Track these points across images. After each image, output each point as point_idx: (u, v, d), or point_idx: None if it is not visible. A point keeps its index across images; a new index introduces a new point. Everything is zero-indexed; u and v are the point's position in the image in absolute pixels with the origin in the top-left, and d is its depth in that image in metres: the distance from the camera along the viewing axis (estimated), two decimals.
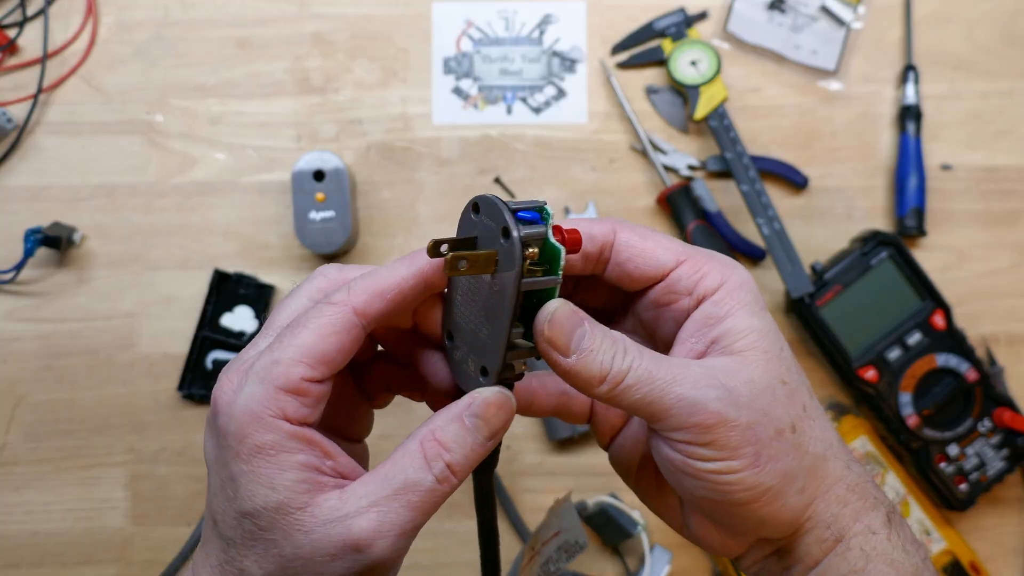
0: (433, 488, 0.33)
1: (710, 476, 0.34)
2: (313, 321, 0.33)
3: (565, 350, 0.34)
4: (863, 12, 0.81)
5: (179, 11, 0.81)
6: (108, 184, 0.80)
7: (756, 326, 0.36)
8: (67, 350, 0.78)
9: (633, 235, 0.37)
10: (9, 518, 0.77)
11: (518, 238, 0.33)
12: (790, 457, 0.35)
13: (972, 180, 0.80)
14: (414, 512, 0.33)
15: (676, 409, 0.33)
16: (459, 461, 0.34)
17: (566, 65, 0.81)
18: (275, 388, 0.33)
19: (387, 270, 0.34)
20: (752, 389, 0.34)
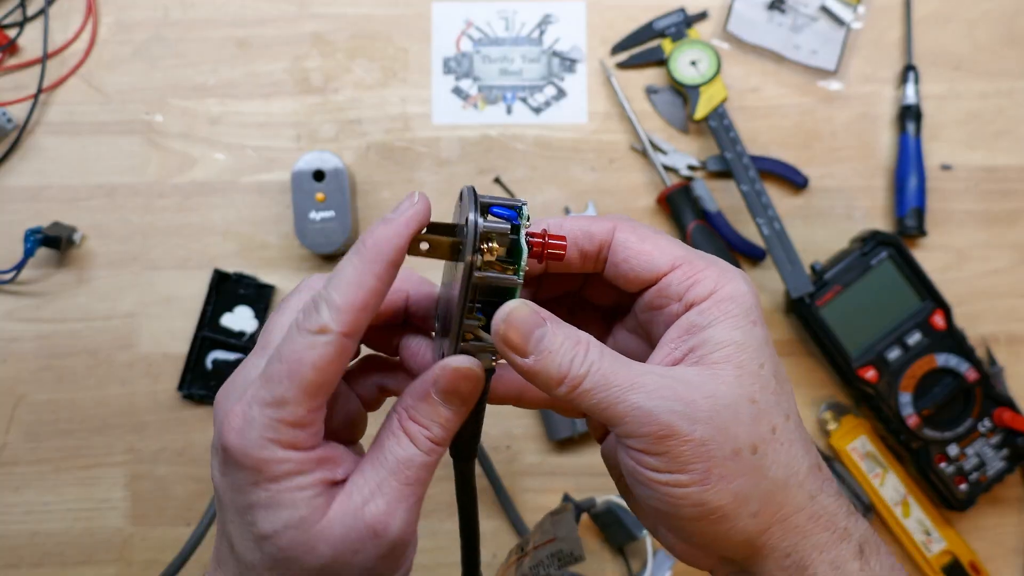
0: (424, 461, 0.35)
1: (659, 487, 0.34)
2: (309, 355, 0.33)
3: (522, 350, 0.34)
4: (863, 12, 0.81)
5: (179, 11, 0.81)
6: (108, 184, 0.80)
7: (736, 339, 0.35)
8: (67, 350, 0.78)
9: (632, 236, 0.37)
10: (9, 518, 0.77)
11: (473, 226, 0.33)
12: (745, 479, 0.34)
13: (972, 180, 0.80)
14: (414, 486, 0.35)
15: (629, 417, 0.33)
16: (439, 434, 0.35)
17: (566, 65, 0.81)
18: (285, 425, 0.33)
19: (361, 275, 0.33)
20: (713, 404, 0.33)
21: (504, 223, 0.34)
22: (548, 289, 0.42)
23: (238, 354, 0.77)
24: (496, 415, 0.77)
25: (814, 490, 0.36)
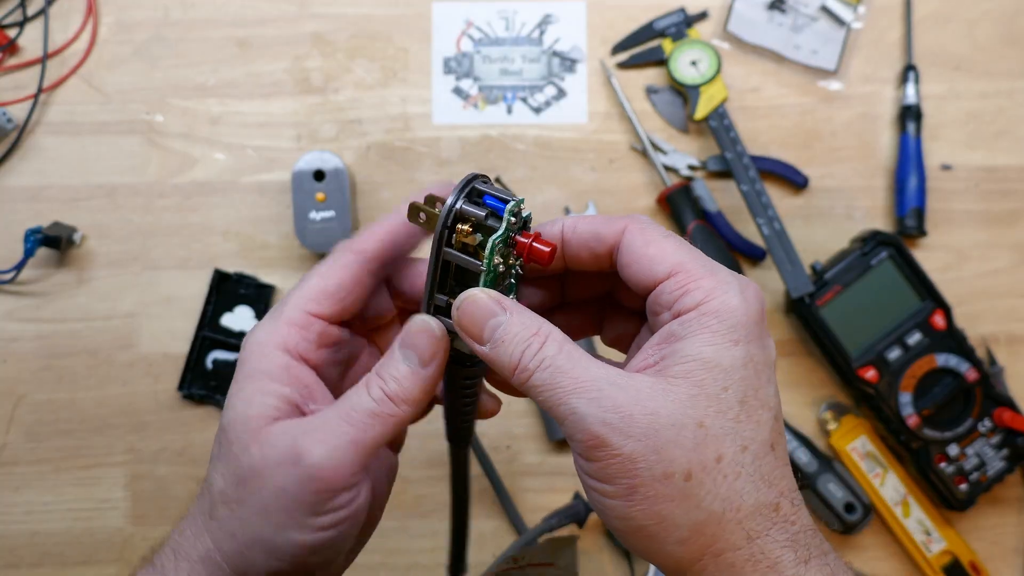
0: (371, 409, 0.35)
1: (592, 493, 0.34)
2: (319, 268, 0.38)
3: (478, 337, 0.35)
4: (863, 12, 0.81)
5: (179, 11, 0.81)
6: (108, 184, 0.80)
7: (704, 355, 0.33)
8: (67, 350, 0.78)
9: (638, 238, 0.36)
10: (9, 518, 0.77)
11: (449, 206, 0.35)
12: (673, 504, 0.32)
13: (972, 180, 0.80)
14: (353, 427, 0.35)
15: (567, 420, 0.33)
16: (393, 388, 0.36)
17: (566, 65, 0.81)
18: (282, 322, 0.37)
19: (383, 219, 0.38)
20: (652, 421, 0.32)
21: (481, 210, 0.35)
22: (578, 290, 0.42)
23: (238, 354, 0.77)
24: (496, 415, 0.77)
25: (757, 531, 0.33)
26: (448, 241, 0.36)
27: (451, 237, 0.36)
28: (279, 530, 0.34)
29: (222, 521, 0.36)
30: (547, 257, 0.35)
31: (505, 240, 0.36)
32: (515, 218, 0.36)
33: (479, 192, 0.36)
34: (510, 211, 0.35)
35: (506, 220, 0.35)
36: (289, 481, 0.34)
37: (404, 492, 0.76)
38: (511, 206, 0.35)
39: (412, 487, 0.77)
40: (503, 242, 0.35)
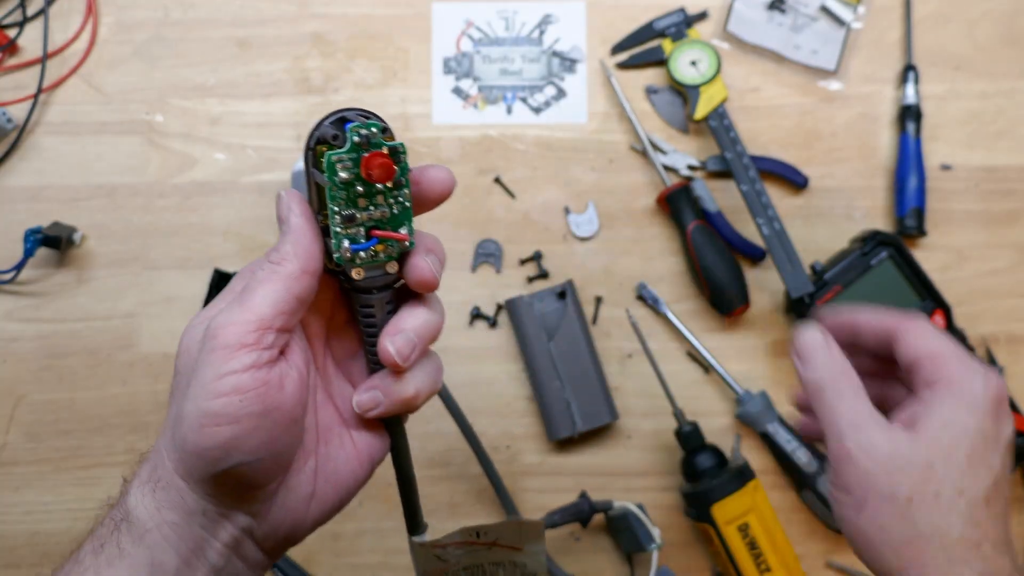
0: (260, 276, 0.39)
1: (832, 498, 0.45)
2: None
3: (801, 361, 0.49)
4: (863, 12, 0.81)
5: (179, 11, 0.81)
6: (108, 184, 0.80)
7: (945, 418, 0.43)
8: (67, 350, 0.78)
9: (913, 331, 0.46)
10: (9, 518, 0.77)
11: (311, 129, 0.40)
12: (894, 520, 0.42)
13: (972, 180, 0.80)
14: (249, 295, 0.39)
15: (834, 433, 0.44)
16: (273, 255, 0.39)
17: (566, 65, 0.81)
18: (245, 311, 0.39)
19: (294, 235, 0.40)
20: (892, 453, 0.42)
21: (336, 131, 0.39)
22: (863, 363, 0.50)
23: None
24: (496, 415, 0.77)
25: (957, 559, 0.41)
26: (314, 163, 0.40)
27: (316, 159, 0.39)
28: (191, 400, 0.37)
29: (167, 418, 0.40)
30: (377, 171, 0.38)
31: (355, 159, 0.39)
32: (360, 138, 0.39)
33: (345, 119, 0.40)
34: (353, 129, 0.38)
35: (349, 139, 0.38)
36: (198, 347, 0.38)
37: None
38: (354, 125, 0.39)
39: None
40: (351, 160, 0.39)
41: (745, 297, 0.76)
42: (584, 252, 0.79)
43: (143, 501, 0.39)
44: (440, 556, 0.52)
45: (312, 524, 0.43)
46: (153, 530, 0.39)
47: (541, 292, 0.77)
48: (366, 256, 0.40)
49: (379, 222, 0.40)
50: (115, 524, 0.39)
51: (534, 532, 0.54)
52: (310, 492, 0.42)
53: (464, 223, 0.79)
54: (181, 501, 0.39)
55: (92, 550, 0.39)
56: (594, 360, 0.76)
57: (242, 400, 0.37)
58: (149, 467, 0.40)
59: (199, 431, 0.37)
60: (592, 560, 0.76)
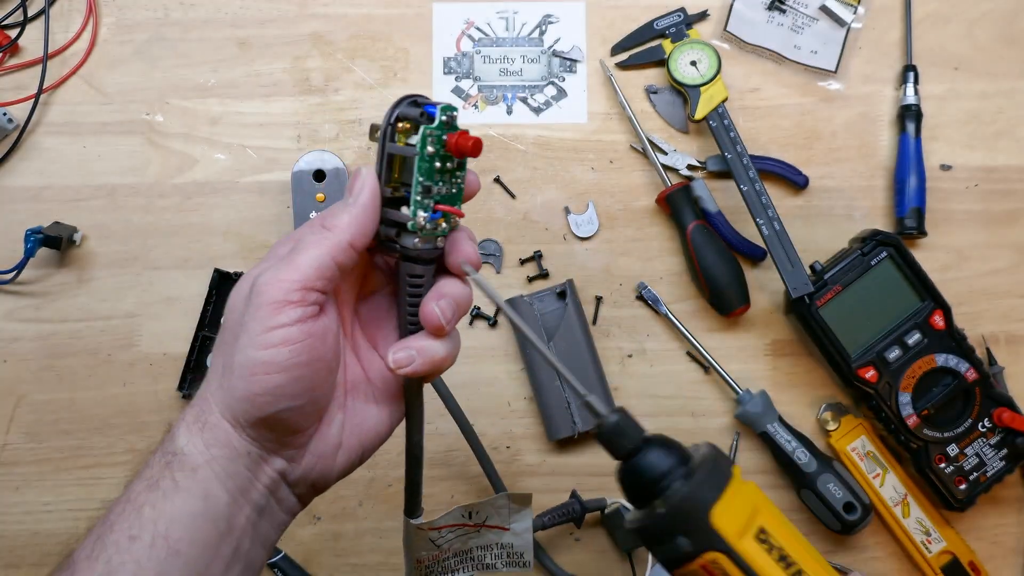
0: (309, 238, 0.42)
1: None
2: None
3: None
4: (863, 12, 0.81)
5: (179, 11, 0.81)
6: (108, 184, 0.80)
7: None
8: (67, 350, 0.78)
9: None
10: (9, 518, 0.77)
11: (392, 107, 0.43)
12: None
13: (972, 180, 0.80)
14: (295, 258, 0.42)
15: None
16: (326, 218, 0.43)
17: (566, 65, 0.81)
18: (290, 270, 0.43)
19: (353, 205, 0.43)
20: None
21: (417, 110, 0.43)
22: None
23: None
24: (496, 415, 0.77)
25: None
26: (392, 138, 0.43)
27: (394, 135, 0.43)
28: (241, 350, 0.41)
29: (212, 364, 0.43)
30: (470, 146, 0.42)
31: (439, 136, 0.42)
32: (447, 117, 0.42)
33: (419, 103, 0.43)
34: (442, 110, 0.42)
35: (439, 117, 0.42)
36: (247, 307, 0.41)
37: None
38: (443, 106, 0.42)
39: None
40: (436, 137, 0.42)
41: (745, 297, 0.76)
42: (584, 252, 0.79)
43: (192, 440, 0.42)
44: (433, 540, 0.53)
45: (338, 474, 0.46)
46: (204, 466, 0.42)
47: (541, 292, 0.77)
48: (430, 227, 0.43)
49: (444, 198, 0.44)
50: (166, 462, 0.42)
51: (522, 504, 0.54)
52: (338, 443, 0.46)
53: (464, 223, 0.79)
54: (227, 440, 0.42)
55: (145, 488, 0.41)
56: (594, 360, 0.76)
57: (290, 350, 0.41)
58: (194, 412, 0.43)
59: (249, 379, 0.41)
60: (592, 560, 0.76)
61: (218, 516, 0.41)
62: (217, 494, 0.42)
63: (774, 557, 0.43)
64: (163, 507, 0.40)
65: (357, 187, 0.43)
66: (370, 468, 0.76)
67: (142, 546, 0.40)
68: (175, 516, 0.40)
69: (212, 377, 0.43)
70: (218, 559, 0.41)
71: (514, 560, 0.57)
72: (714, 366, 0.76)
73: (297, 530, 0.76)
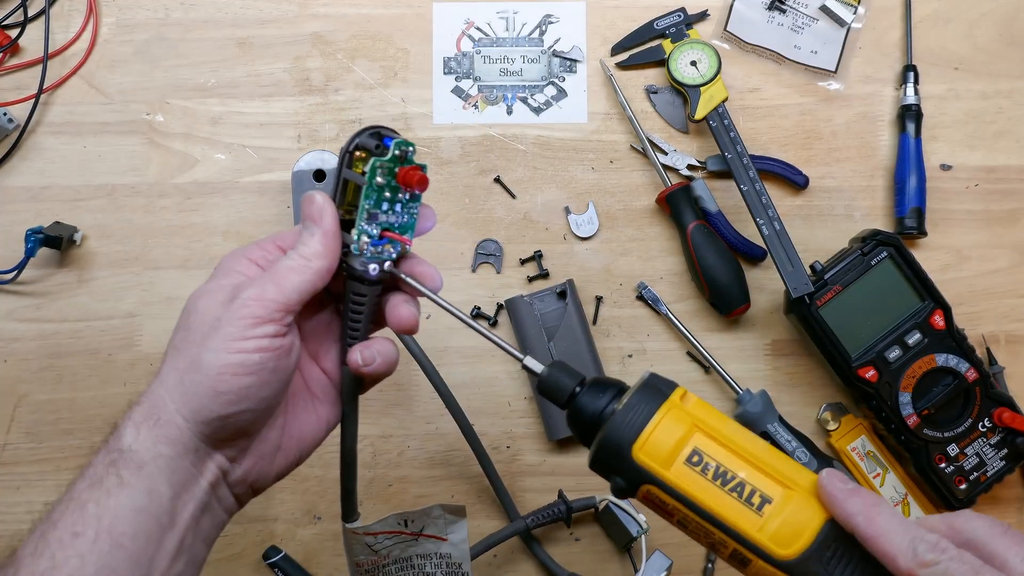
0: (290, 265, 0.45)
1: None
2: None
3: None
4: (863, 12, 0.81)
5: (179, 11, 0.81)
6: (109, 184, 0.80)
7: None
8: (68, 350, 0.78)
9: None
10: (10, 518, 0.77)
11: (351, 137, 0.46)
12: None
13: (972, 180, 0.80)
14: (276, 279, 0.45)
15: None
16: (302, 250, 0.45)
17: (566, 65, 0.81)
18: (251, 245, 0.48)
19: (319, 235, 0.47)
20: None
21: (373, 142, 0.46)
22: None
23: None
24: (496, 415, 0.77)
25: None
26: (349, 164, 0.46)
27: (352, 162, 0.46)
28: (212, 351, 0.43)
29: (168, 361, 0.45)
30: (415, 181, 0.46)
31: (390, 168, 0.45)
32: (400, 152, 0.46)
33: (380, 134, 0.46)
34: (396, 144, 0.45)
35: (392, 151, 0.45)
36: (223, 312, 0.44)
37: (404, 492, 0.76)
38: (398, 140, 0.45)
39: (412, 487, 0.77)
40: (387, 169, 0.45)
41: (745, 297, 0.76)
42: (584, 252, 0.79)
43: (139, 437, 0.44)
44: (371, 545, 0.54)
45: (275, 475, 0.49)
46: (150, 462, 0.43)
47: (541, 292, 0.77)
48: (373, 252, 0.47)
49: (391, 226, 0.47)
50: (111, 460, 0.43)
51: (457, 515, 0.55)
52: (277, 446, 0.48)
53: (464, 223, 0.79)
54: (178, 437, 0.44)
55: (88, 486, 0.42)
56: (594, 360, 0.76)
57: (261, 358, 0.43)
58: (143, 410, 0.45)
59: (217, 377, 0.43)
60: (593, 560, 0.76)
61: (161, 511, 0.43)
62: (161, 490, 0.43)
63: (708, 476, 0.43)
64: (107, 503, 0.41)
65: (316, 212, 0.46)
66: (370, 468, 0.76)
67: (85, 541, 0.41)
68: (119, 512, 0.41)
69: (168, 374, 0.45)
70: (162, 552, 0.43)
71: (453, 570, 0.58)
72: (714, 366, 0.76)
73: (297, 530, 0.76)
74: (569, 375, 0.47)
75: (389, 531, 0.56)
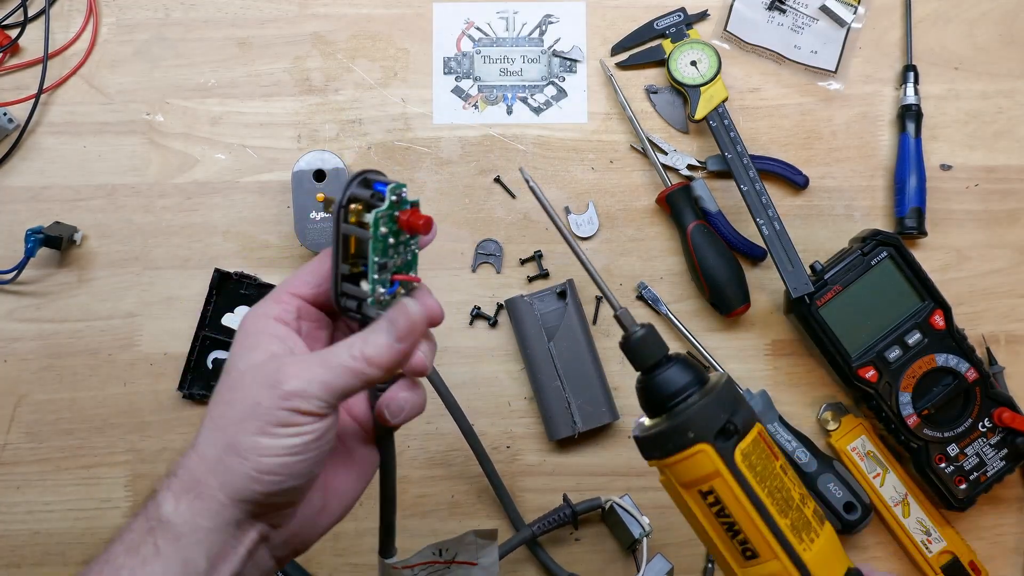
0: (347, 364, 0.43)
1: None
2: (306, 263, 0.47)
3: None
4: (863, 12, 0.81)
5: (179, 11, 0.81)
6: (109, 184, 0.80)
7: None
8: (68, 350, 0.78)
9: None
10: (10, 518, 0.77)
11: (343, 189, 0.44)
12: None
13: (972, 180, 0.80)
14: (328, 372, 0.43)
15: None
16: (370, 354, 0.43)
17: (566, 65, 0.81)
18: (271, 300, 0.46)
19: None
20: None
21: (367, 191, 0.44)
22: None
23: None
24: (496, 415, 0.77)
25: None
26: (345, 219, 0.44)
27: (347, 216, 0.44)
28: (249, 434, 0.42)
29: (206, 434, 0.44)
30: (420, 224, 0.44)
31: (390, 215, 0.44)
32: (397, 197, 0.44)
33: (369, 181, 0.45)
34: (391, 190, 0.44)
35: (388, 198, 0.44)
36: (264, 396, 0.42)
37: (404, 492, 0.76)
38: (392, 186, 0.44)
39: (412, 487, 0.77)
40: (388, 217, 0.44)
41: (745, 297, 0.76)
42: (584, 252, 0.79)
43: (179, 509, 0.43)
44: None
45: (319, 533, 0.48)
46: (188, 535, 0.42)
47: (541, 292, 0.77)
48: (388, 299, 0.45)
49: (399, 268, 0.46)
50: (149, 528, 0.43)
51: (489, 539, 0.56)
52: (321, 505, 0.48)
53: (464, 223, 0.79)
54: (219, 511, 0.43)
55: (124, 551, 0.42)
56: (594, 360, 0.76)
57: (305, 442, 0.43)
58: (183, 483, 0.44)
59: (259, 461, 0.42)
60: (593, 560, 0.76)
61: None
62: (198, 561, 0.43)
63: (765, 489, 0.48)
64: (142, 572, 0.42)
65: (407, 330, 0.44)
66: None
67: None
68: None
69: (207, 449, 0.44)
70: None
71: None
72: (714, 366, 0.76)
73: None
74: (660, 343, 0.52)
75: (425, 562, 0.56)
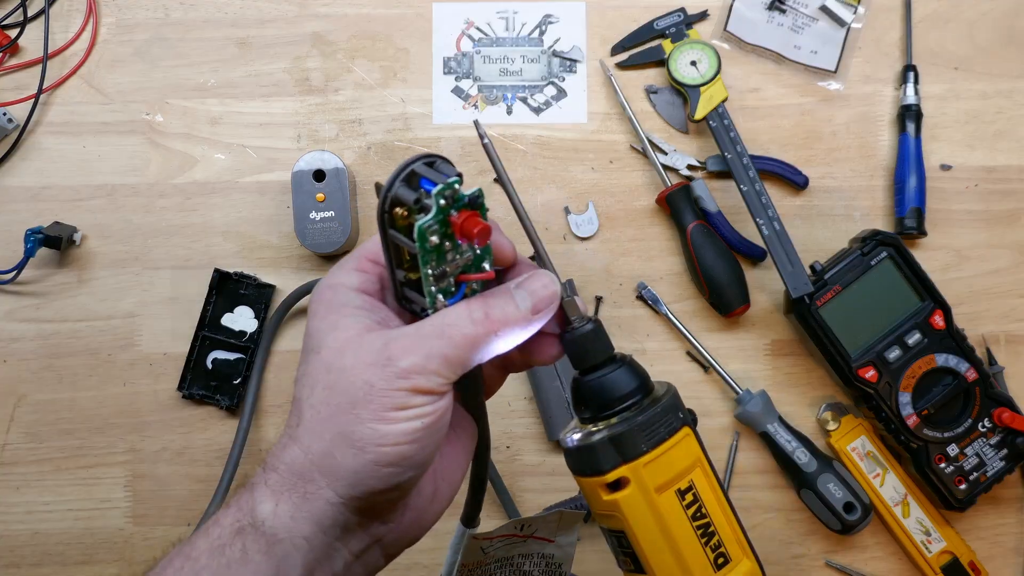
0: (470, 330, 0.38)
1: None
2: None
3: None
4: (863, 12, 0.81)
5: (179, 11, 0.81)
6: (108, 184, 0.80)
7: None
8: (68, 350, 0.78)
9: None
10: (10, 518, 0.77)
11: (384, 192, 0.38)
12: None
13: (972, 180, 0.80)
14: (445, 341, 0.38)
15: None
16: (498, 316, 0.38)
17: (566, 65, 0.81)
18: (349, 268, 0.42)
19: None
20: None
21: (413, 194, 0.38)
22: None
23: (238, 354, 0.77)
24: (495, 415, 0.77)
25: None
26: (392, 224, 0.38)
27: (393, 221, 0.38)
28: (364, 422, 0.37)
29: (309, 424, 0.39)
30: (476, 233, 0.38)
31: (441, 220, 0.38)
32: (445, 200, 0.38)
33: (416, 176, 0.38)
34: (438, 194, 0.37)
35: (435, 204, 0.37)
36: (377, 377, 0.37)
37: None
38: (438, 189, 0.37)
39: None
40: (438, 222, 0.37)
41: (745, 297, 0.76)
42: (584, 252, 0.79)
43: (278, 511, 0.39)
44: (484, 548, 0.53)
45: (431, 521, 0.44)
46: (285, 540, 0.38)
47: None
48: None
49: (465, 267, 0.40)
50: (239, 528, 0.39)
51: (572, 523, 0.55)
52: (432, 491, 0.44)
53: None
54: (327, 513, 0.39)
55: (209, 549, 0.38)
56: None
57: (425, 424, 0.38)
58: (282, 479, 0.39)
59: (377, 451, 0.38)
60: (594, 559, 0.76)
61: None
62: (291, 572, 0.39)
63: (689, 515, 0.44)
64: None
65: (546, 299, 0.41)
66: None
67: None
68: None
69: (312, 442, 0.39)
70: None
71: (552, 570, 0.57)
72: (714, 366, 0.76)
73: None
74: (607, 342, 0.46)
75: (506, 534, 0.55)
